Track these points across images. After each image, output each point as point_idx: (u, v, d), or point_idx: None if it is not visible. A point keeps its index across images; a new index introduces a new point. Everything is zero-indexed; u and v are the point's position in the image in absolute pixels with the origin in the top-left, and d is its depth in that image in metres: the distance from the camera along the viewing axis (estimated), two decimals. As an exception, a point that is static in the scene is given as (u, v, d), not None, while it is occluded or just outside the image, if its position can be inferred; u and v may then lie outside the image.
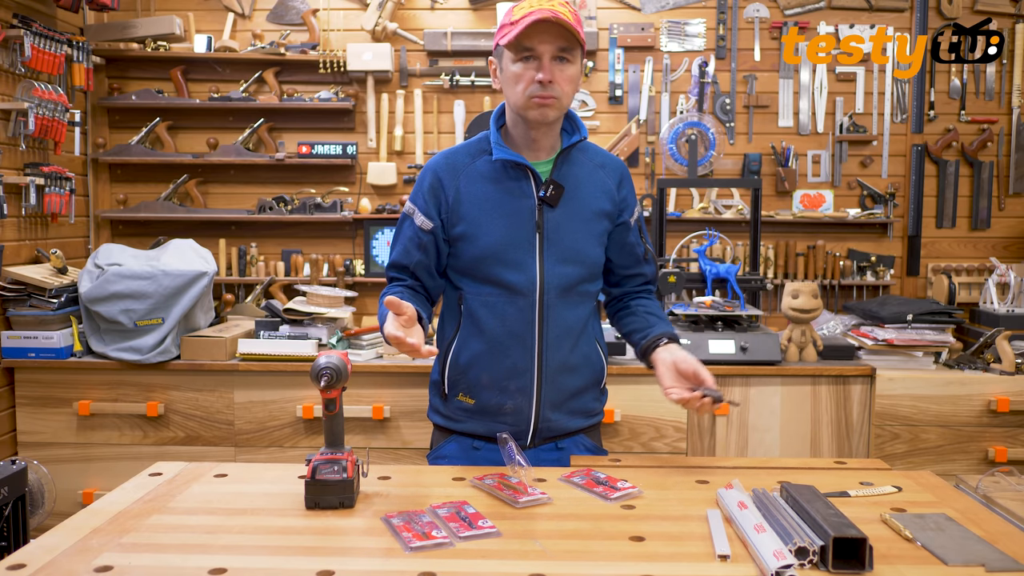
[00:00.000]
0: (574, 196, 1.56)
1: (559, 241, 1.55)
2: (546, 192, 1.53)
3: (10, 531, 2.01)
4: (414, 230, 1.58)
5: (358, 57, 3.28)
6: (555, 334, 1.57)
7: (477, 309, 1.57)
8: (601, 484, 1.41)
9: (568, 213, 1.55)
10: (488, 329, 1.56)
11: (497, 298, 1.55)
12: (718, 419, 2.68)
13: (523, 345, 1.56)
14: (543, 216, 1.54)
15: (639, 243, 1.67)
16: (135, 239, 3.40)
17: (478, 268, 1.55)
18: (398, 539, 1.18)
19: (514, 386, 1.57)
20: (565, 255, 1.55)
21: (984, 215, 3.42)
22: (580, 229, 1.56)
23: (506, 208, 1.54)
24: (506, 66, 1.49)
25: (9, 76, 2.80)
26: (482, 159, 1.57)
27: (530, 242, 1.54)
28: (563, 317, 1.57)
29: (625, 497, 1.36)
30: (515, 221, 1.53)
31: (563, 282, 1.56)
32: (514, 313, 1.55)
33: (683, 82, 3.43)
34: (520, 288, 1.54)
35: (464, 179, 1.56)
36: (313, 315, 2.83)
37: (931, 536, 1.20)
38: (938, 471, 2.01)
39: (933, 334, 2.76)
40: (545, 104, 1.47)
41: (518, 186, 1.54)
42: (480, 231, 1.54)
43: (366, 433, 2.74)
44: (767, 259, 3.39)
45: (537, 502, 1.32)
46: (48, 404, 2.77)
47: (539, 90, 1.45)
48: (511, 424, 1.59)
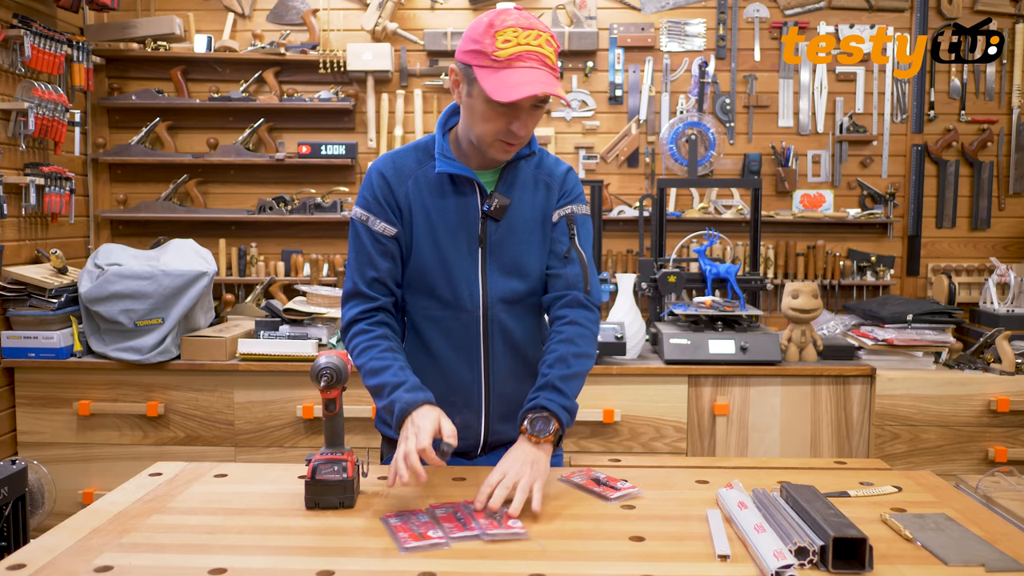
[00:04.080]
0: (518, 208, 1.50)
1: (502, 255, 1.49)
2: (491, 206, 1.46)
3: (10, 531, 2.01)
4: (374, 237, 1.48)
5: (358, 57, 3.28)
6: (501, 348, 1.52)
7: (420, 323, 1.52)
8: (601, 484, 1.41)
9: (511, 226, 1.49)
10: (433, 344, 1.52)
11: (441, 313, 1.50)
12: (718, 419, 2.68)
13: (469, 360, 1.51)
14: (486, 230, 1.48)
15: (563, 240, 1.54)
16: (135, 239, 3.40)
17: (420, 282, 1.50)
18: (394, 539, 1.18)
19: (462, 400, 1.53)
20: (508, 268, 1.50)
21: (984, 215, 3.42)
22: (523, 242, 1.50)
23: (450, 221, 1.47)
24: (476, 98, 1.37)
25: (9, 76, 2.80)
26: (428, 165, 1.49)
27: (472, 256, 1.48)
28: (508, 330, 1.52)
29: (625, 497, 1.36)
30: (458, 235, 1.48)
31: (507, 295, 1.51)
32: (458, 328, 1.50)
33: (683, 82, 3.43)
34: (463, 303, 1.49)
35: (411, 185, 1.48)
36: (313, 315, 2.83)
37: (931, 536, 1.20)
38: (938, 471, 2.01)
39: (933, 334, 2.76)
40: (511, 149, 1.42)
41: (463, 199, 1.48)
42: (423, 243, 1.48)
43: (366, 433, 2.74)
44: (767, 259, 3.39)
45: (515, 537, 1.21)
46: (48, 404, 2.77)
47: (509, 136, 1.39)
48: (461, 438, 1.48)
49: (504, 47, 1.32)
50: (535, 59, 1.33)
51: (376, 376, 1.42)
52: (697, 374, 2.67)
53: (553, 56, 1.35)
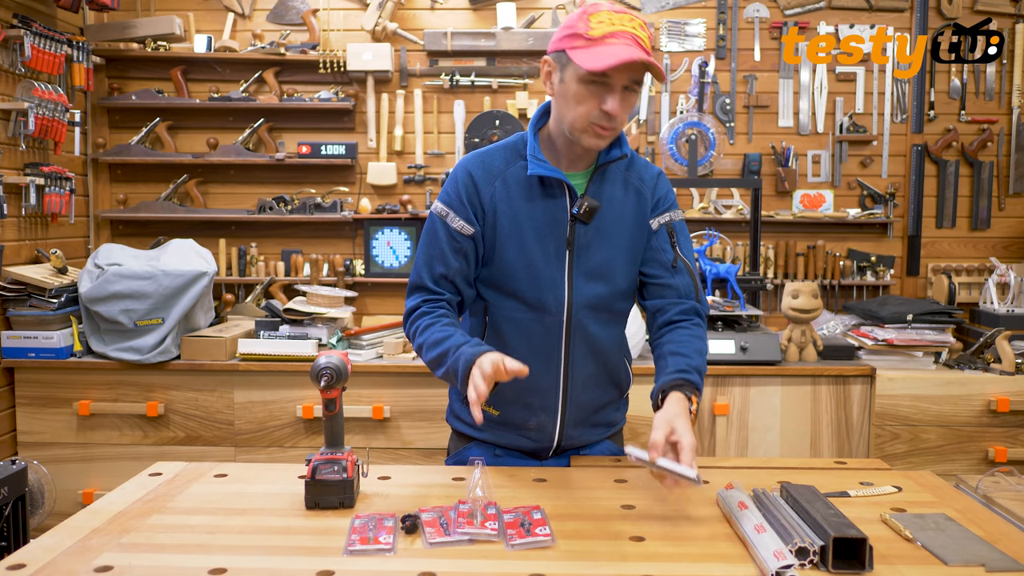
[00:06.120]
0: (607, 213, 1.49)
1: (589, 259, 1.48)
2: (580, 209, 1.45)
3: (10, 531, 2.01)
4: (450, 234, 1.48)
5: (358, 57, 3.28)
6: (581, 353, 1.51)
7: (502, 323, 1.51)
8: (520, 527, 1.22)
9: (600, 230, 1.48)
10: (513, 345, 1.49)
11: (523, 315, 1.49)
12: (718, 419, 2.68)
13: (549, 363, 1.50)
14: (574, 232, 1.47)
15: (665, 248, 1.54)
16: (135, 239, 3.40)
17: (505, 282, 1.49)
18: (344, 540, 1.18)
19: (538, 403, 1.53)
20: (594, 273, 1.49)
21: (984, 215, 3.42)
22: (611, 246, 1.49)
23: (538, 222, 1.47)
24: (569, 81, 1.39)
25: (9, 76, 2.80)
26: (517, 165, 1.49)
27: (559, 259, 1.47)
28: (591, 336, 1.51)
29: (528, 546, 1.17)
30: (546, 236, 1.47)
31: (592, 301, 1.49)
32: (540, 331, 1.49)
33: (683, 82, 3.43)
34: (547, 306, 1.48)
35: (499, 185, 1.48)
36: (313, 315, 2.83)
37: (931, 536, 1.20)
38: (938, 471, 2.01)
39: (933, 334, 2.76)
40: (603, 135, 1.41)
41: (552, 201, 1.47)
42: (509, 243, 1.47)
43: (366, 433, 2.74)
44: (767, 259, 3.39)
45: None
46: (48, 404, 2.77)
47: (602, 119, 1.38)
48: (534, 440, 1.55)
49: (598, 27, 1.35)
50: (628, 37, 1.34)
51: (438, 346, 1.40)
52: (697, 374, 2.67)
53: (647, 40, 1.37)
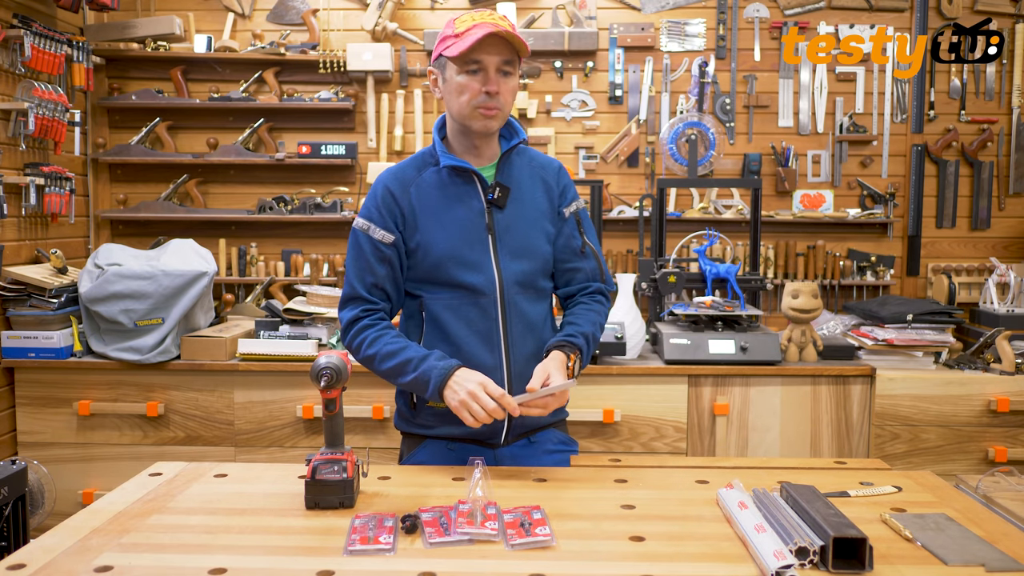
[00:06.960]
0: (518, 196, 1.63)
1: (510, 240, 1.60)
2: (493, 195, 1.59)
3: (10, 531, 2.01)
4: (374, 244, 1.59)
5: (358, 57, 3.28)
6: (519, 330, 1.60)
7: (440, 313, 1.59)
8: (520, 527, 1.23)
9: (515, 213, 1.61)
10: (453, 332, 1.58)
11: (460, 300, 1.58)
12: (718, 419, 2.68)
13: (489, 344, 1.58)
14: (492, 218, 1.60)
15: (575, 235, 1.69)
16: (135, 239, 3.40)
17: (437, 273, 1.58)
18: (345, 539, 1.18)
19: None
20: (517, 251, 1.60)
21: (984, 215, 3.42)
22: (528, 226, 1.62)
23: (457, 213, 1.58)
24: (450, 77, 1.54)
25: (9, 76, 2.80)
26: (428, 171, 1.62)
27: (483, 243, 1.58)
28: (524, 312, 1.61)
29: (528, 546, 1.18)
30: (467, 224, 1.58)
31: (519, 278, 1.60)
32: (477, 313, 1.58)
33: (683, 82, 3.43)
34: (480, 287, 1.57)
35: (415, 191, 1.60)
36: (313, 315, 2.83)
37: (931, 536, 1.20)
38: (938, 471, 2.01)
39: (933, 334, 2.76)
40: (490, 115, 1.54)
41: (466, 191, 1.60)
42: (435, 238, 1.58)
43: (366, 433, 2.74)
44: (767, 259, 3.39)
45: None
46: (48, 404, 2.77)
47: (485, 100, 1.52)
48: (485, 424, 1.52)
49: (462, 24, 1.51)
50: (490, 25, 1.48)
51: (395, 357, 1.53)
52: (697, 374, 2.67)
53: (508, 26, 1.50)
